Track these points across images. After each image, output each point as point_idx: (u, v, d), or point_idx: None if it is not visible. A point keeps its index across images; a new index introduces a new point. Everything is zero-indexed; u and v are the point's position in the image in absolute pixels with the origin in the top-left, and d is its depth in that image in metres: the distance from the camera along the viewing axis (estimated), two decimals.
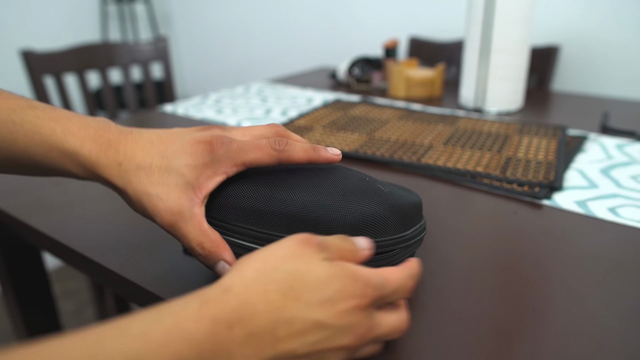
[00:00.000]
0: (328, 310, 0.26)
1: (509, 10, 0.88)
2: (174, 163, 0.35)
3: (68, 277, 1.84)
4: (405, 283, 0.31)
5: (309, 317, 0.26)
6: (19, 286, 0.69)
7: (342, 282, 0.27)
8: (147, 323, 0.23)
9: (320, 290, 0.27)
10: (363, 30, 1.62)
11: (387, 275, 0.30)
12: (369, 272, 0.29)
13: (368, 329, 0.28)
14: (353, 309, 0.27)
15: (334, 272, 0.28)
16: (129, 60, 1.35)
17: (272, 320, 0.25)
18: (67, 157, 0.35)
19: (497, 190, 0.60)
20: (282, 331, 0.25)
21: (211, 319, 0.24)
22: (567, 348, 0.34)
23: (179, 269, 0.44)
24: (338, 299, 0.27)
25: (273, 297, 0.26)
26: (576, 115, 0.92)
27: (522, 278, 0.42)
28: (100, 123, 0.36)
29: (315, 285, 0.27)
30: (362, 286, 0.28)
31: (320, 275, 0.27)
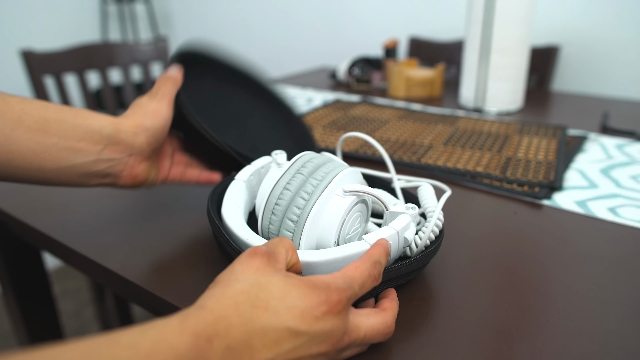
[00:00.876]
0: (298, 318, 0.27)
1: (509, 10, 0.88)
2: None
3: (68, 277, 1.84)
4: (370, 272, 0.32)
5: (281, 325, 0.27)
6: (19, 286, 0.69)
7: (302, 290, 0.28)
8: (135, 336, 0.24)
9: (284, 299, 0.28)
10: (363, 30, 1.62)
11: (351, 273, 0.31)
12: (328, 277, 0.30)
13: (344, 333, 0.29)
14: (325, 315, 0.28)
15: (293, 282, 0.29)
16: (129, 60, 1.35)
17: (247, 331, 0.26)
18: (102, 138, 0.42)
19: (497, 190, 0.60)
20: (257, 341, 0.26)
21: (192, 332, 0.25)
22: (567, 348, 0.34)
23: (179, 269, 0.44)
24: (304, 306, 0.28)
25: (243, 309, 0.27)
26: (576, 115, 0.92)
27: (522, 278, 0.42)
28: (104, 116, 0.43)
29: (278, 294, 0.28)
30: (324, 292, 0.28)
31: (280, 285, 0.28)
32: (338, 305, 0.29)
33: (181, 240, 0.49)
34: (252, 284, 0.28)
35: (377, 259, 0.33)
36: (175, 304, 0.39)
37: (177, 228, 0.51)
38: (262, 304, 0.27)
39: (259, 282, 0.28)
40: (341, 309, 0.29)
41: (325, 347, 0.28)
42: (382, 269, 0.33)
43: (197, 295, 0.40)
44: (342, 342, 0.29)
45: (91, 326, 1.54)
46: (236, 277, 0.29)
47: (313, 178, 0.38)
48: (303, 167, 0.39)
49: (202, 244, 0.48)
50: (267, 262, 0.30)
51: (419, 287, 0.41)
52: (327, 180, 0.38)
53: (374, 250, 0.34)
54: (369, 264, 0.32)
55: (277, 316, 0.27)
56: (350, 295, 0.30)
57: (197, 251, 0.47)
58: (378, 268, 0.33)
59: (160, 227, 0.51)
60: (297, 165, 0.39)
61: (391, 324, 0.33)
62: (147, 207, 0.56)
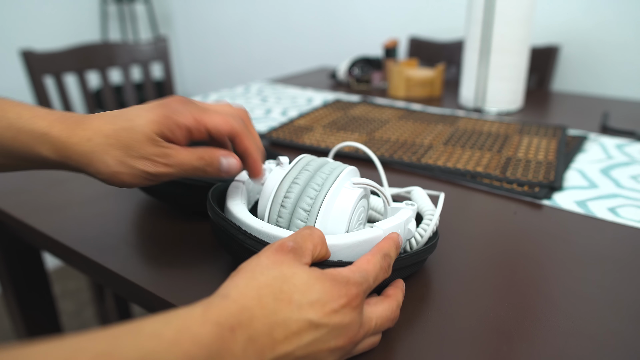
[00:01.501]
0: (319, 311, 0.28)
1: (509, 10, 0.88)
2: (137, 122, 0.35)
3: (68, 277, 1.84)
4: (381, 265, 0.33)
5: (302, 317, 0.27)
6: (19, 286, 0.69)
7: (325, 284, 0.29)
8: (158, 324, 0.24)
9: (307, 292, 0.28)
10: (363, 30, 1.62)
11: (364, 267, 0.32)
12: (347, 271, 0.31)
13: (360, 327, 0.30)
14: (343, 308, 0.28)
15: (316, 275, 0.29)
16: (129, 60, 1.35)
17: (269, 323, 0.26)
18: (36, 138, 0.35)
19: (497, 190, 0.60)
20: (279, 333, 0.26)
21: (215, 322, 0.25)
22: (567, 348, 0.34)
23: (179, 269, 0.44)
24: (326, 300, 0.28)
25: (266, 301, 0.27)
26: (576, 115, 0.92)
27: (522, 278, 0.42)
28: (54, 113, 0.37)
29: (302, 287, 0.28)
30: (345, 286, 0.29)
31: (304, 278, 0.29)
32: (356, 299, 0.29)
33: (181, 240, 0.48)
34: (276, 276, 0.28)
35: (387, 251, 0.34)
36: (176, 304, 0.39)
37: (177, 228, 0.51)
38: (286, 297, 0.27)
39: (283, 274, 0.29)
40: (359, 302, 0.29)
41: (343, 341, 0.29)
42: (391, 262, 0.34)
43: (198, 295, 0.40)
44: (358, 335, 0.30)
45: (91, 326, 1.54)
46: (261, 269, 0.29)
47: (321, 172, 0.39)
48: (308, 165, 0.40)
49: (202, 244, 0.48)
50: (293, 257, 0.30)
51: (419, 287, 0.41)
52: (336, 174, 0.39)
53: (384, 244, 0.35)
54: (380, 256, 0.33)
55: (299, 309, 0.27)
56: (365, 288, 0.31)
57: (197, 251, 0.47)
58: (388, 260, 0.33)
59: (161, 227, 0.51)
60: (302, 163, 0.40)
61: (396, 309, 0.34)
62: (147, 207, 0.56)
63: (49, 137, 0.35)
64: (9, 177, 0.65)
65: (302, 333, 0.27)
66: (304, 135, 0.81)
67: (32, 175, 0.66)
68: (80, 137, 0.35)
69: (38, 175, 0.66)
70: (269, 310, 0.27)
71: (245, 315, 0.26)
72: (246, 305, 0.26)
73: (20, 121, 0.35)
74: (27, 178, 0.65)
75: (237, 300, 0.27)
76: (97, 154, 0.35)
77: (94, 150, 0.35)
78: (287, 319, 0.27)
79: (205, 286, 0.41)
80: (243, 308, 0.26)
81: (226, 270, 0.43)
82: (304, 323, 0.27)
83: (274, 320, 0.26)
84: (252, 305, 0.27)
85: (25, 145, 0.35)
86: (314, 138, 0.79)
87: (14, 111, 0.35)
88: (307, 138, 0.79)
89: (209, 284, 0.41)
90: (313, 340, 0.27)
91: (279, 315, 0.27)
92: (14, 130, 0.35)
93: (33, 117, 0.35)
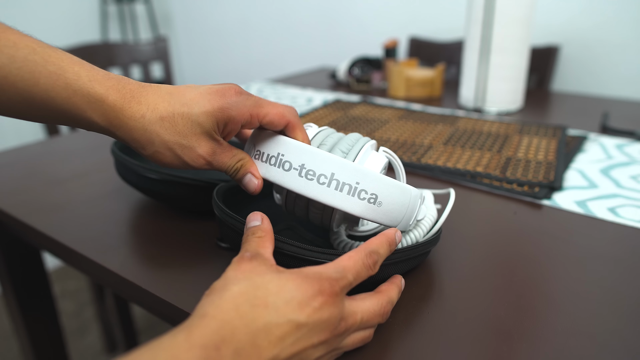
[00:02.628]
0: (296, 310, 0.28)
1: (509, 10, 0.88)
2: (194, 110, 0.35)
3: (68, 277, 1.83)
4: (364, 262, 0.32)
5: (282, 319, 0.28)
6: (19, 286, 0.69)
7: (297, 282, 0.29)
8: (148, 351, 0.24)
9: (281, 293, 0.28)
10: (363, 30, 1.62)
11: (342, 263, 0.32)
12: (320, 267, 0.31)
13: (340, 320, 0.30)
14: (321, 305, 0.29)
15: (287, 276, 0.30)
16: (129, 60, 1.35)
17: (250, 332, 0.27)
18: (91, 103, 0.34)
19: (497, 190, 0.60)
20: (263, 340, 0.27)
21: (200, 345, 0.25)
22: (566, 348, 0.34)
23: (179, 269, 0.44)
24: (300, 297, 0.28)
25: (244, 310, 0.27)
26: (576, 115, 0.92)
27: (522, 278, 0.42)
28: (113, 77, 0.36)
29: (275, 289, 0.29)
30: (317, 281, 0.29)
31: (276, 281, 0.29)
32: (332, 295, 0.29)
33: (181, 241, 0.48)
34: (248, 285, 0.29)
35: (373, 248, 0.33)
36: (175, 304, 0.39)
37: (177, 228, 0.51)
38: (261, 302, 0.28)
39: (254, 282, 0.29)
40: (335, 298, 0.30)
41: (325, 335, 0.29)
42: (379, 259, 0.34)
43: (198, 295, 0.40)
44: (339, 328, 0.30)
45: (91, 326, 1.54)
46: (232, 281, 0.29)
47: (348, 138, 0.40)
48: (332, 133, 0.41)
49: (201, 244, 0.48)
50: (257, 264, 0.31)
51: (419, 286, 0.41)
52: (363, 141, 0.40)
53: (374, 241, 0.34)
54: (364, 254, 0.33)
55: (276, 311, 0.28)
56: (344, 284, 0.31)
57: (197, 251, 0.47)
58: (374, 257, 0.33)
59: (160, 227, 0.51)
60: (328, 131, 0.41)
61: (386, 304, 0.34)
62: (147, 207, 0.56)
63: (103, 105, 0.34)
64: (9, 177, 0.65)
65: (285, 335, 0.27)
66: None
67: (32, 175, 0.66)
68: (134, 110, 0.35)
69: (38, 175, 0.66)
70: (248, 318, 0.27)
71: (227, 330, 0.26)
72: (225, 319, 0.27)
73: (77, 83, 0.34)
74: (27, 178, 0.65)
75: (215, 316, 0.27)
76: (147, 133, 0.35)
77: (145, 129, 0.35)
78: (268, 324, 0.27)
79: (205, 286, 0.41)
80: (223, 322, 0.26)
81: None
82: (285, 325, 0.27)
83: (255, 328, 0.27)
84: (231, 317, 0.27)
85: (77, 108, 0.34)
86: None
87: (73, 71, 0.34)
88: None
89: (208, 284, 0.41)
90: (296, 339, 0.28)
91: (259, 322, 0.27)
92: (70, 91, 0.34)
93: (91, 81, 0.34)
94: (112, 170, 0.67)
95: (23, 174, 0.66)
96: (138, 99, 0.35)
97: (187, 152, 0.36)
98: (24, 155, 0.74)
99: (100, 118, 0.35)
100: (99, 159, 0.72)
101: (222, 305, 0.27)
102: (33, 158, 0.73)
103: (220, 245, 0.47)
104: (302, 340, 0.28)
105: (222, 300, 0.28)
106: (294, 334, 0.28)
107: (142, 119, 0.35)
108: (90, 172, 0.66)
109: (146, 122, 0.35)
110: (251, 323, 0.27)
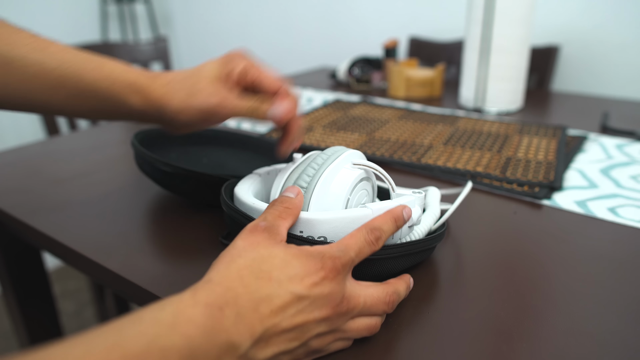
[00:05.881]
0: (299, 284, 0.29)
1: (509, 10, 0.88)
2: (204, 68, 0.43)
3: (68, 277, 1.83)
4: (366, 238, 0.33)
5: (284, 291, 0.29)
6: (19, 286, 0.69)
7: (301, 259, 0.30)
8: (155, 312, 0.26)
9: (285, 268, 0.30)
10: (363, 30, 1.62)
11: (345, 241, 0.33)
12: (323, 246, 0.32)
13: (342, 298, 0.31)
14: (322, 280, 0.30)
15: (292, 252, 0.31)
16: (129, 60, 1.35)
17: (253, 299, 0.28)
18: (127, 87, 0.42)
19: (497, 190, 0.60)
20: (264, 308, 0.28)
21: (204, 303, 0.27)
22: (567, 348, 0.34)
23: (179, 269, 0.44)
24: (303, 274, 0.30)
25: (248, 281, 0.29)
26: (576, 115, 0.92)
27: (522, 278, 0.42)
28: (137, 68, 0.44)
29: (280, 264, 0.30)
30: (320, 259, 0.31)
31: (281, 256, 0.31)
32: (333, 271, 0.31)
33: (181, 240, 0.49)
34: (254, 258, 0.30)
35: (376, 225, 0.34)
36: None
37: (177, 228, 0.51)
38: (266, 275, 0.29)
39: (261, 255, 0.30)
40: (336, 274, 0.31)
41: (326, 311, 0.30)
42: (382, 235, 0.34)
43: None
44: (341, 306, 0.31)
45: (91, 326, 1.54)
46: (239, 252, 0.31)
47: (323, 154, 0.40)
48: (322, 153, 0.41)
49: (202, 244, 0.48)
50: (267, 237, 0.32)
51: (419, 286, 0.41)
52: (336, 155, 0.40)
53: (378, 218, 0.35)
54: (365, 230, 0.34)
55: (279, 284, 0.29)
56: (345, 261, 0.32)
57: (198, 250, 0.47)
58: (376, 234, 0.34)
59: (160, 228, 0.51)
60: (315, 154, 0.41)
61: (392, 293, 0.34)
62: (147, 208, 0.56)
63: (136, 85, 0.42)
64: (9, 177, 0.65)
65: (286, 306, 0.29)
66: (305, 135, 0.81)
67: (32, 175, 0.66)
68: (158, 83, 0.42)
69: (38, 175, 0.66)
70: (251, 288, 0.29)
71: (230, 295, 0.28)
72: (229, 286, 0.28)
73: (115, 73, 0.42)
74: (27, 178, 0.65)
75: (220, 282, 0.29)
76: (168, 95, 0.42)
77: (167, 92, 0.42)
78: (270, 294, 0.29)
79: None
80: (227, 289, 0.28)
81: None
82: (287, 296, 0.29)
83: (257, 297, 0.28)
84: (235, 285, 0.28)
85: (117, 94, 0.42)
86: (313, 138, 0.79)
87: (109, 65, 0.42)
88: (307, 138, 0.79)
89: None
90: (297, 311, 0.29)
91: (262, 292, 0.29)
92: (110, 80, 0.41)
93: (125, 71, 0.42)
94: (112, 170, 0.67)
95: (23, 174, 0.66)
96: (162, 76, 0.43)
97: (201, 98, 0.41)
98: (24, 155, 0.74)
99: (136, 99, 0.42)
100: (99, 159, 0.72)
101: (227, 275, 0.29)
102: (33, 158, 0.73)
103: (224, 243, 0.47)
104: (304, 313, 0.29)
105: (228, 270, 0.29)
106: (295, 306, 0.29)
107: (164, 87, 0.42)
108: (90, 172, 0.67)
109: (168, 88, 0.42)
110: (254, 292, 0.28)
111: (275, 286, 0.29)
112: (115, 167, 0.68)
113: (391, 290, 0.34)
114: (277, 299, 0.29)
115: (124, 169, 0.67)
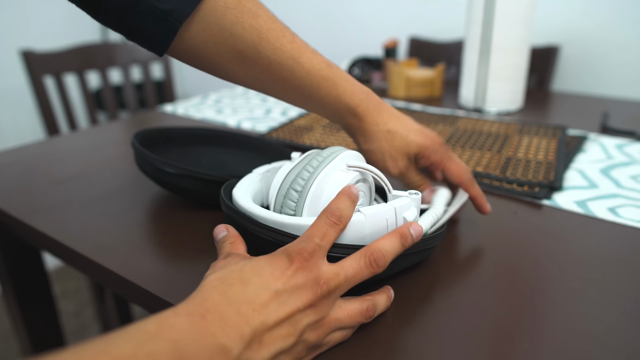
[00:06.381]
0: (273, 282, 0.30)
1: (509, 10, 0.88)
2: (410, 137, 0.48)
3: (68, 277, 1.83)
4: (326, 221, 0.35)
5: (260, 290, 0.30)
6: (19, 286, 0.69)
7: (269, 261, 0.32)
8: (139, 324, 0.27)
9: (257, 273, 0.31)
10: (363, 30, 1.62)
11: (308, 231, 0.34)
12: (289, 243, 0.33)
13: (318, 279, 0.31)
14: (295, 272, 0.31)
15: (259, 258, 0.32)
16: (129, 60, 1.35)
17: (232, 304, 0.29)
18: (347, 110, 0.48)
19: (497, 190, 0.60)
20: (246, 309, 0.29)
21: (185, 312, 0.28)
22: (567, 348, 0.34)
23: (179, 269, 0.44)
24: (277, 273, 0.31)
25: (222, 289, 0.30)
26: (576, 115, 0.92)
27: (522, 278, 0.42)
28: (365, 91, 0.48)
29: (250, 271, 0.31)
30: (286, 255, 0.32)
31: (251, 264, 0.32)
32: (302, 261, 0.31)
33: (181, 240, 0.49)
34: (224, 271, 0.31)
35: (332, 207, 0.35)
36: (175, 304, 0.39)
37: (177, 228, 0.51)
38: (237, 281, 0.30)
39: (229, 269, 0.32)
40: (306, 262, 0.32)
41: (308, 297, 0.31)
42: (341, 214, 0.35)
43: None
44: (321, 287, 0.31)
45: (91, 326, 1.54)
46: (208, 273, 0.32)
47: (319, 156, 0.40)
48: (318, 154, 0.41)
49: (202, 244, 0.48)
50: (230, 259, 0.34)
51: (419, 286, 0.41)
52: (332, 157, 0.40)
53: (333, 201, 0.36)
54: (325, 215, 0.35)
55: (254, 286, 0.30)
56: (312, 248, 0.32)
57: (197, 251, 0.47)
58: (336, 214, 0.35)
59: (160, 228, 0.51)
60: (313, 154, 0.41)
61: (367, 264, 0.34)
62: (147, 208, 0.56)
63: (355, 112, 0.48)
64: (9, 177, 0.65)
65: (267, 302, 0.29)
66: (304, 135, 0.81)
67: (32, 175, 0.66)
68: (372, 118, 0.48)
69: (38, 175, 0.66)
70: (228, 294, 0.29)
71: (209, 303, 0.28)
72: (206, 297, 0.29)
73: (342, 96, 0.47)
74: (27, 178, 0.65)
75: (196, 296, 0.29)
76: (375, 137, 0.48)
77: (375, 134, 0.48)
78: (248, 296, 0.29)
79: None
80: (204, 299, 0.29)
81: None
82: (265, 294, 0.29)
83: (236, 300, 0.29)
84: (211, 294, 0.29)
85: (339, 112, 0.49)
86: (313, 138, 0.79)
87: (342, 86, 0.47)
88: (307, 138, 0.79)
89: None
90: (278, 305, 0.29)
91: (239, 296, 0.29)
92: (336, 100, 0.47)
93: (351, 95, 0.48)
94: (112, 170, 0.67)
95: (23, 174, 0.66)
96: (377, 112, 0.48)
97: (391, 160, 0.48)
98: (24, 155, 0.74)
99: (351, 119, 0.49)
100: (99, 159, 0.72)
101: (201, 289, 0.30)
102: (33, 158, 0.73)
103: None
104: (287, 305, 0.30)
105: (201, 285, 0.31)
106: (275, 300, 0.30)
107: (376, 127, 0.48)
108: (90, 172, 0.67)
109: (378, 129, 0.48)
110: (232, 297, 0.29)
111: (251, 288, 0.30)
112: (115, 167, 0.68)
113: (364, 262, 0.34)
114: (257, 298, 0.29)
115: (124, 169, 0.67)
